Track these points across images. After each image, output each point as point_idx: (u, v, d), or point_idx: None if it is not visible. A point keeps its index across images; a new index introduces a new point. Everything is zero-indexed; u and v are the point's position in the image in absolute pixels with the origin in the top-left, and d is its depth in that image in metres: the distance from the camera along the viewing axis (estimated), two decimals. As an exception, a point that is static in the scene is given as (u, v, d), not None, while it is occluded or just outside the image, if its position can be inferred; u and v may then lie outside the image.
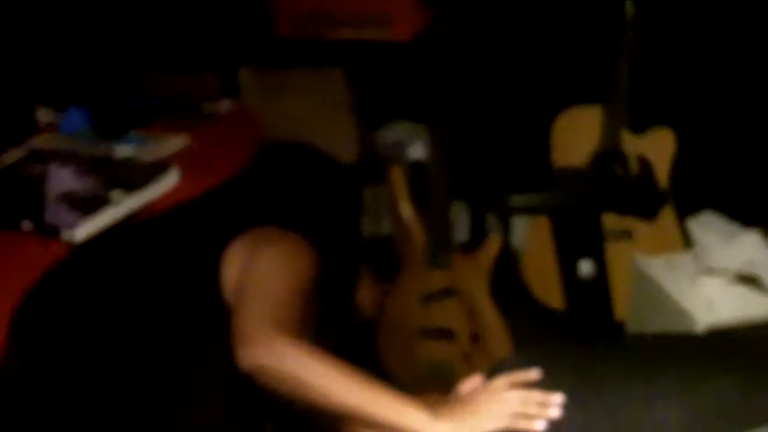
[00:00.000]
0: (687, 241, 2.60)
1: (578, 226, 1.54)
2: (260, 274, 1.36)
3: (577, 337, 1.69)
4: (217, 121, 2.08)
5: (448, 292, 2.45)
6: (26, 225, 1.59)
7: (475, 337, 2.45)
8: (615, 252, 2.58)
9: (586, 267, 1.55)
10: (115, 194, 1.65)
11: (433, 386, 2.40)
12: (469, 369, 2.44)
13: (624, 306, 2.56)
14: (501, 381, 1.31)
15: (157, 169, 1.73)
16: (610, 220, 2.62)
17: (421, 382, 2.45)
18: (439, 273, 2.45)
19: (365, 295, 1.93)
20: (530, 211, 1.57)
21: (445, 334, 2.47)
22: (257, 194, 1.63)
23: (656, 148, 2.69)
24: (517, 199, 1.48)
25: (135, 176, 1.71)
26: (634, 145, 2.69)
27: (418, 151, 2.79)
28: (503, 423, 1.23)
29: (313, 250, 1.45)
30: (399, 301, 2.49)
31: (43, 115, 2.06)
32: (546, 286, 2.80)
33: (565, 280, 1.52)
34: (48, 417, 1.35)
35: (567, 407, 1.27)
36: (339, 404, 1.24)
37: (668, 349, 1.68)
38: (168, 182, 1.71)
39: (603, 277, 1.52)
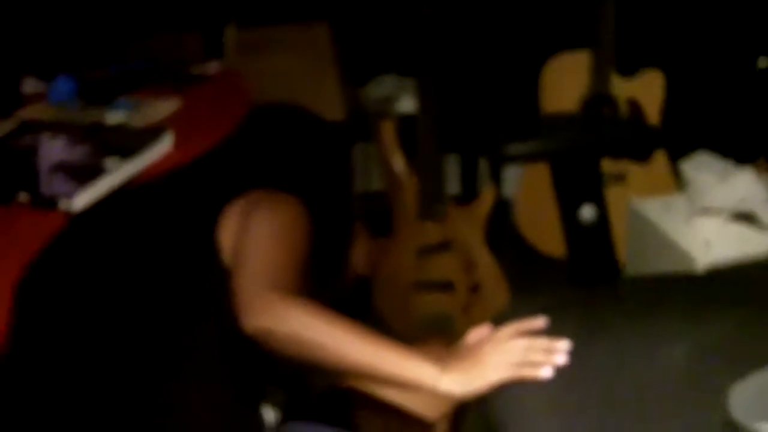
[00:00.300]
0: (679, 183, 2.62)
1: (578, 171, 1.54)
2: (256, 238, 1.36)
3: (580, 282, 1.70)
4: (206, 83, 2.06)
5: (444, 245, 2.46)
6: (22, 197, 1.58)
7: (474, 288, 2.46)
8: (609, 196, 2.59)
9: (587, 212, 1.55)
10: (110, 162, 1.63)
11: (432, 338, 2.42)
12: (469, 320, 2.46)
13: (620, 249, 2.59)
14: (506, 330, 1.30)
15: (150, 135, 1.71)
16: (604, 164, 2.63)
17: (419, 336, 2.48)
18: (434, 226, 2.46)
19: (360, 252, 1.94)
20: (530, 158, 1.57)
21: (444, 286, 2.49)
22: (249, 157, 1.63)
23: (646, 90, 2.69)
24: (517, 147, 1.48)
25: (129, 143, 1.69)
26: (623, 88, 2.69)
27: (406, 104, 2.78)
28: (508, 373, 1.21)
29: (306, 212, 1.46)
30: (395, 256, 2.50)
31: (29, 86, 2.04)
32: (541, 233, 2.82)
33: (567, 226, 1.52)
34: (52, 390, 1.36)
35: (573, 352, 1.27)
36: (346, 362, 1.23)
37: (669, 291, 1.70)
38: (162, 147, 1.70)
39: (604, 221, 1.53)
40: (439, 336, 2.31)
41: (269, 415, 1.48)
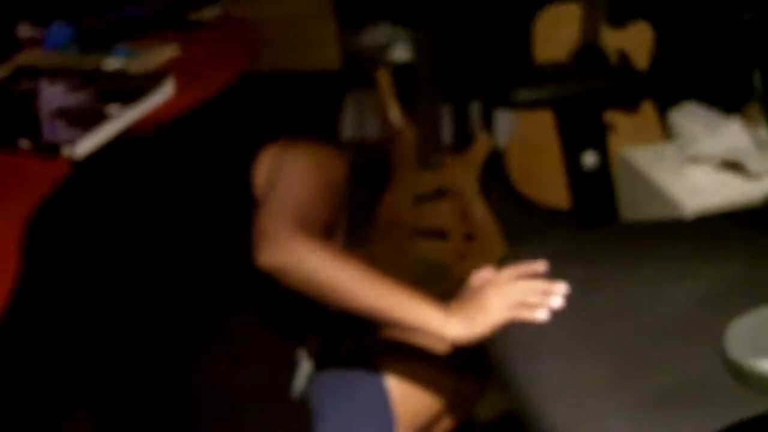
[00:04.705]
0: (666, 133, 2.59)
1: (582, 118, 1.51)
2: (286, 174, 1.31)
3: (583, 226, 1.68)
4: (205, 29, 1.99)
5: (439, 193, 2.42)
6: (24, 143, 1.51)
7: (469, 236, 2.43)
8: (599, 145, 2.56)
9: (590, 158, 1.53)
10: (112, 108, 1.56)
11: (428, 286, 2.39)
12: (464, 267, 2.44)
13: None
14: (507, 273, 1.29)
15: (151, 80, 1.64)
16: (592, 115, 2.60)
17: (416, 283, 2.45)
18: (431, 174, 2.41)
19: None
20: (536, 105, 1.53)
21: (439, 234, 2.45)
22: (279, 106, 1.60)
23: (635, 41, 2.65)
24: (525, 94, 1.44)
25: (130, 88, 1.61)
26: (613, 38, 2.66)
27: (399, 53, 2.71)
28: (508, 314, 1.21)
29: (343, 156, 1.42)
30: (392, 203, 2.45)
31: (25, 31, 1.96)
32: (533, 182, 2.79)
33: (571, 171, 1.50)
34: (67, 333, 1.33)
35: (575, 297, 1.26)
36: (355, 304, 1.20)
37: (666, 236, 1.66)
38: (164, 93, 1.63)
39: (606, 166, 1.51)
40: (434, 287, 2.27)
41: (304, 364, 1.43)
